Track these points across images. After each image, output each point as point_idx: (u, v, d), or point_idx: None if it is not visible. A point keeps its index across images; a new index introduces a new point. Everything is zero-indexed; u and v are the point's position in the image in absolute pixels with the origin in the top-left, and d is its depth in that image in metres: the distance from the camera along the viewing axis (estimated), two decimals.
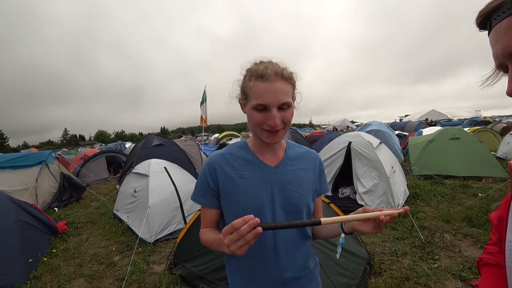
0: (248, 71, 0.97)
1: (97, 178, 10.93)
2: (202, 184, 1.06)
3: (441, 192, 5.83)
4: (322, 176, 1.15)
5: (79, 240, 4.71)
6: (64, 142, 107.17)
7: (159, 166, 5.22)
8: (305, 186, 1.06)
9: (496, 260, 0.83)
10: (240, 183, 1.01)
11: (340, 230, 0.97)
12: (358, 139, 5.55)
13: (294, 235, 1.05)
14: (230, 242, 0.73)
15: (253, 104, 0.92)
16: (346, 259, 2.78)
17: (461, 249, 3.49)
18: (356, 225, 0.90)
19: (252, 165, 1.04)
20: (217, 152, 1.10)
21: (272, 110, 0.90)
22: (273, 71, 0.90)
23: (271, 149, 1.07)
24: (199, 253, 3.06)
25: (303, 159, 1.11)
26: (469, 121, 21.96)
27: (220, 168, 1.03)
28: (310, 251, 1.13)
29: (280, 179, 1.03)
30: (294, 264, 1.04)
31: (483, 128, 12.59)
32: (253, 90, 0.92)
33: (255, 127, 0.96)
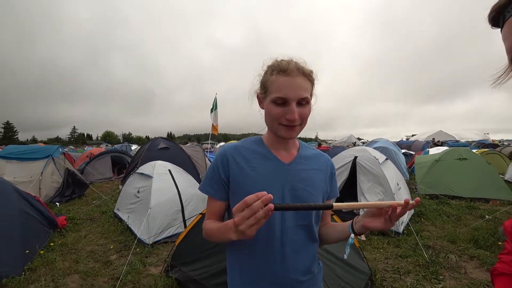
0: (269, 66, 0.98)
1: (101, 177, 10.96)
2: (212, 174, 1.04)
3: (446, 212, 5.71)
4: (333, 179, 1.13)
5: (78, 236, 4.69)
6: (72, 140, 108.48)
7: (163, 168, 5.22)
8: (316, 186, 1.04)
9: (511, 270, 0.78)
10: (252, 175, 0.99)
11: (350, 230, 0.95)
12: (364, 154, 5.50)
13: (302, 236, 1.02)
14: (241, 220, 0.71)
15: (272, 97, 0.92)
16: (347, 273, 2.71)
17: (466, 271, 3.38)
18: (367, 222, 0.88)
19: (265, 159, 1.03)
20: (231, 143, 1.09)
21: (292, 104, 0.91)
22: (295, 67, 0.92)
23: (285, 146, 1.05)
24: (197, 257, 3.00)
25: (315, 160, 1.10)
26: (477, 143, 21.69)
27: (233, 159, 1.01)
28: (316, 255, 1.09)
29: (292, 176, 1.01)
30: (299, 267, 1.01)
31: (491, 150, 12.42)
32: (274, 84, 0.93)
33: (272, 121, 0.96)
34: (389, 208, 0.83)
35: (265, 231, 0.96)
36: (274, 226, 0.97)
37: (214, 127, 9.20)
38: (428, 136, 29.94)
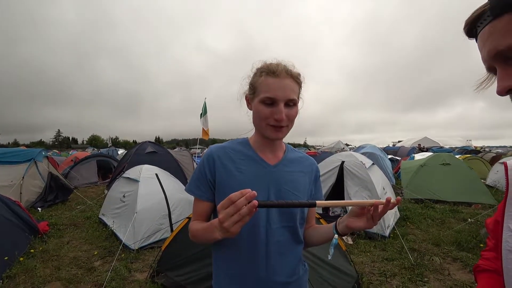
0: (258, 68, 1.00)
1: (86, 181, 10.71)
2: (198, 175, 1.04)
3: (431, 215, 5.83)
4: (318, 183, 1.15)
5: (60, 242, 4.54)
6: (56, 144, 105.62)
7: (150, 172, 5.14)
8: (301, 188, 1.05)
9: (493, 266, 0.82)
10: (238, 177, 1.00)
11: (334, 231, 0.96)
12: (351, 159, 5.58)
13: (287, 237, 1.02)
14: (225, 217, 0.72)
15: (261, 97, 0.94)
16: (334, 276, 2.72)
17: (450, 273, 3.45)
18: (350, 222, 0.90)
19: (251, 161, 1.03)
20: (217, 144, 1.09)
21: (280, 105, 0.93)
22: (283, 69, 0.95)
23: (271, 148, 1.06)
24: (183, 262, 2.96)
25: (301, 163, 1.11)
26: (460, 149, 22.35)
27: (219, 160, 1.02)
28: (301, 257, 1.10)
29: (277, 178, 1.02)
30: (284, 268, 1.01)
31: (473, 156, 12.80)
32: (262, 84, 0.95)
33: (260, 122, 0.97)
34: (371, 207, 0.85)
35: (250, 232, 0.97)
36: (259, 228, 0.98)
37: (204, 131, 9.14)
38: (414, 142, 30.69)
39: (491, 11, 0.50)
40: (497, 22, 0.49)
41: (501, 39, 0.49)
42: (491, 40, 0.51)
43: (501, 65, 0.52)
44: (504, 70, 0.52)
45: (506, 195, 0.69)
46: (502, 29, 0.49)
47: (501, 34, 0.49)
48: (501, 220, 0.68)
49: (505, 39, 0.48)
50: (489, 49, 0.52)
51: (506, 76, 0.51)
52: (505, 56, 0.50)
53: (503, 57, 0.50)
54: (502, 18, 0.49)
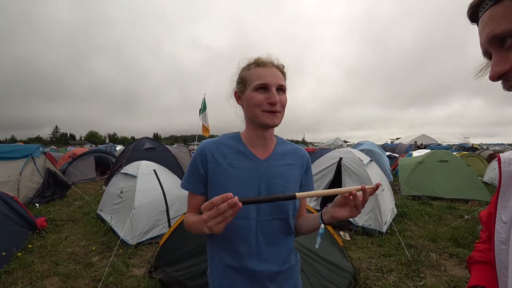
0: (246, 64, 1.06)
1: (84, 177, 10.69)
2: (191, 169, 1.08)
3: (428, 212, 5.86)
4: (309, 173, 1.17)
5: (58, 237, 4.54)
6: (54, 140, 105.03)
7: (148, 168, 5.14)
8: (291, 181, 1.08)
9: (486, 258, 0.83)
10: (229, 171, 1.03)
11: (320, 221, 0.99)
12: (349, 155, 5.59)
13: (278, 229, 1.06)
14: (208, 218, 0.76)
15: (254, 85, 0.99)
16: (331, 272, 2.73)
17: (446, 269, 3.47)
18: (334, 212, 0.93)
19: (242, 155, 1.06)
20: (209, 139, 1.11)
21: (272, 89, 0.98)
22: (269, 61, 1.03)
23: (262, 142, 1.08)
24: (180, 258, 2.96)
25: (291, 155, 1.13)
26: (458, 146, 22.42)
27: (211, 155, 1.05)
28: (292, 247, 1.14)
29: (267, 172, 1.05)
30: (275, 258, 1.05)
31: (470, 153, 12.85)
32: (253, 74, 1.00)
33: (254, 109, 0.99)
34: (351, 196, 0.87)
35: (241, 225, 1.01)
36: (249, 220, 1.02)
37: (205, 128, 9.10)
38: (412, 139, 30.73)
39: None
40: (497, 7, 0.51)
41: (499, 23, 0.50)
42: (490, 24, 0.52)
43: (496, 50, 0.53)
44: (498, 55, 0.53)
45: (499, 187, 0.69)
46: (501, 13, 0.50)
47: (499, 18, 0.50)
48: (494, 212, 0.70)
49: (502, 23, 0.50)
50: (487, 32, 0.53)
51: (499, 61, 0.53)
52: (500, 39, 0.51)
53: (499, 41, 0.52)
54: (502, 3, 0.50)
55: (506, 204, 0.66)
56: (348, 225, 4.80)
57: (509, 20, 0.49)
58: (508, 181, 0.67)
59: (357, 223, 4.72)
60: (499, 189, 0.69)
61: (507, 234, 0.64)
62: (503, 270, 0.65)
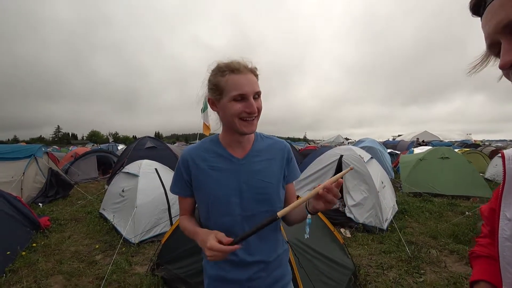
0: (218, 68, 1.05)
1: (86, 177, 10.75)
2: (177, 176, 1.16)
3: (429, 209, 5.87)
4: (291, 164, 1.22)
5: (61, 236, 4.59)
6: (56, 140, 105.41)
7: (150, 167, 5.17)
8: (271, 175, 1.14)
9: (488, 252, 0.84)
10: (210, 173, 1.10)
11: (306, 211, 1.04)
12: (350, 152, 5.59)
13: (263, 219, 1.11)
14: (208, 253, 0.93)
15: (232, 95, 1.00)
16: (331, 268, 2.76)
17: (446, 265, 3.49)
18: (315, 204, 0.99)
19: (221, 157, 1.13)
20: (190, 146, 1.20)
21: (250, 98, 1.01)
22: (243, 66, 1.03)
23: (239, 142, 1.14)
24: (182, 255, 3.00)
25: (270, 150, 1.19)
26: (460, 143, 22.34)
27: (192, 161, 1.12)
28: (279, 237, 1.21)
29: (247, 170, 1.11)
30: (262, 249, 1.13)
31: (472, 150, 12.81)
32: (230, 83, 1.01)
33: (233, 118, 1.03)
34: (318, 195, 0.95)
35: (226, 221, 1.09)
36: (234, 216, 1.09)
37: (206, 126, 9.09)
38: (414, 136, 30.65)
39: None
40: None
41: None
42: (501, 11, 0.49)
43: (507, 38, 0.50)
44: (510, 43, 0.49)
45: (503, 184, 0.70)
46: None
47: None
48: (498, 209, 0.70)
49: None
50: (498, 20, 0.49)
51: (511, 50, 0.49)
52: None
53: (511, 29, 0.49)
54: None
55: (510, 201, 0.66)
56: (349, 223, 4.82)
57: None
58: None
59: (358, 220, 4.74)
60: (503, 186, 0.69)
61: (511, 231, 0.65)
62: (507, 266, 0.65)
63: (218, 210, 1.09)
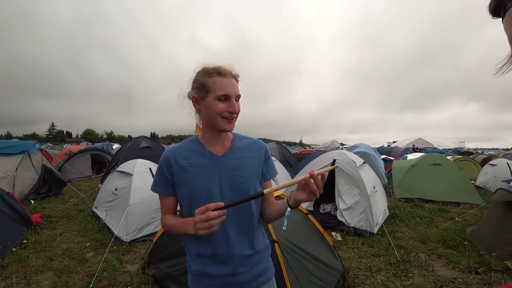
0: (205, 70, 1.14)
1: (80, 175, 10.71)
2: (159, 175, 1.20)
3: (420, 214, 5.95)
4: (268, 162, 1.29)
5: (53, 234, 4.58)
6: (50, 137, 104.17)
7: (144, 166, 5.19)
8: (250, 171, 1.20)
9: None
10: (191, 170, 1.16)
11: (287, 204, 1.10)
12: (343, 157, 5.66)
13: (243, 217, 1.18)
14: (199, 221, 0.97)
15: (217, 95, 1.10)
16: (320, 269, 2.80)
17: (434, 269, 3.55)
18: (297, 195, 1.05)
19: (201, 155, 1.19)
20: (172, 146, 1.27)
21: (232, 99, 1.12)
22: (228, 71, 1.14)
23: (219, 140, 1.21)
24: (173, 254, 3.02)
25: (249, 148, 1.26)
26: (453, 150, 22.62)
27: (174, 160, 1.17)
28: (258, 233, 1.25)
29: (226, 166, 1.18)
30: (242, 244, 1.18)
31: (464, 157, 12.99)
32: (215, 84, 1.10)
33: (215, 116, 1.12)
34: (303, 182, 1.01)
35: None
36: None
37: (198, 127, 9.11)
38: (409, 142, 30.96)
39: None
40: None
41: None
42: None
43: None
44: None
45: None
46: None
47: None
48: None
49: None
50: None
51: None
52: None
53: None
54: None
55: None
56: (340, 226, 4.87)
57: None
58: None
59: (349, 224, 4.79)
60: None
61: None
62: None
63: (199, 205, 1.10)
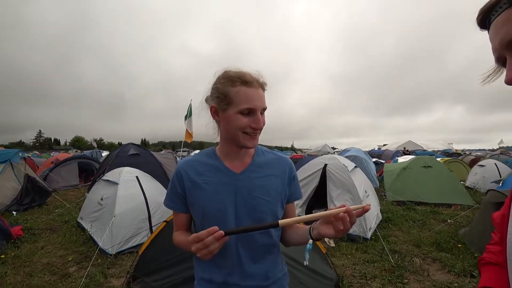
0: (228, 77, 0.98)
1: (66, 184, 10.38)
2: (171, 190, 1.08)
3: (412, 217, 5.93)
4: (294, 182, 1.12)
5: (34, 247, 4.35)
6: (37, 145, 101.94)
7: (130, 174, 5.01)
8: (272, 192, 1.04)
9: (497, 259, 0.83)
10: (204, 188, 1.02)
11: (309, 236, 0.94)
12: (334, 161, 5.61)
13: (260, 243, 1.03)
14: (197, 250, 0.83)
15: (240, 108, 0.95)
16: (313, 280, 2.70)
17: (429, 273, 3.49)
18: (322, 230, 0.88)
19: (217, 171, 1.05)
20: (185, 159, 1.12)
21: (258, 114, 0.97)
22: (255, 79, 0.98)
23: (238, 155, 1.06)
24: (160, 267, 2.88)
25: (272, 165, 1.10)
26: (442, 152, 22.98)
27: (186, 174, 1.04)
28: (278, 260, 1.11)
29: (244, 186, 1.02)
30: (259, 273, 1.03)
31: (453, 159, 13.16)
32: (240, 95, 0.95)
33: (236, 131, 0.97)
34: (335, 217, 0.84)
35: None
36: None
37: (188, 134, 8.98)
38: (399, 146, 31.41)
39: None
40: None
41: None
42: (506, 28, 0.50)
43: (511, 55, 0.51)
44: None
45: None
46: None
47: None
48: (507, 213, 0.70)
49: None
50: (502, 37, 0.51)
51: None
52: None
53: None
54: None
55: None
56: None
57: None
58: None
59: None
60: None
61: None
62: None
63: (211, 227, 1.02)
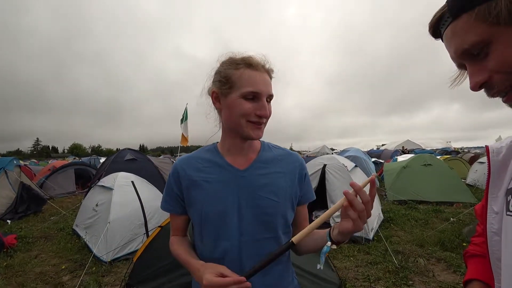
0: (232, 60, 0.90)
1: (63, 191, 10.23)
2: (167, 190, 0.99)
3: (414, 216, 5.83)
4: (305, 181, 1.01)
5: (28, 256, 4.24)
6: (35, 153, 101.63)
7: (126, 179, 4.90)
8: (280, 192, 0.93)
9: (481, 250, 0.83)
10: (205, 187, 0.92)
11: (328, 238, 0.82)
12: (333, 162, 5.52)
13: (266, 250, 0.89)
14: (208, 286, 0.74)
15: (243, 91, 0.85)
16: (315, 285, 2.59)
17: (434, 274, 3.39)
18: (341, 225, 0.77)
19: (217, 167, 0.94)
20: (183, 156, 1.03)
21: (263, 99, 0.87)
22: (260, 63, 0.89)
23: (242, 150, 0.96)
24: (155, 274, 2.76)
25: (279, 161, 0.99)
26: (441, 150, 22.96)
27: (184, 172, 0.94)
28: (288, 271, 1.00)
29: (249, 184, 0.92)
30: (264, 286, 0.91)
31: (453, 156, 13.10)
32: (243, 78, 0.86)
33: (240, 118, 0.87)
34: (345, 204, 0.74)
35: (223, 246, 0.89)
36: (229, 241, 0.89)
37: (184, 138, 8.90)
38: (398, 145, 31.41)
39: (449, 12, 0.52)
40: (457, 23, 0.51)
41: (464, 38, 0.51)
42: (455, 40, 0.53)
43: (469, 62, 0.54)
44: (473, 66, 0.53)
45: (488, 178, 0.69)
46: (462, 28, 0.51)
47: (462, 33, 0.51)
48: (486, 203, 0.70)
49: (467, 37, 0.50)
50: (455, 48, 0.54)
51: (476, 72, 0.53)
52: (470, 53, 0.52)
53: (469, 55, 0.52)
54: (460, 18, 0.51)
55: (496, 194, 0.66)
56: None
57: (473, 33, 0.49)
58: (497, 171, 0.67)
59: None
60: (489, 180, 0.69)
61: (499, 225, 0.64)
62: (497, 261, 0.64)
63: (212, 231, 0.90)
